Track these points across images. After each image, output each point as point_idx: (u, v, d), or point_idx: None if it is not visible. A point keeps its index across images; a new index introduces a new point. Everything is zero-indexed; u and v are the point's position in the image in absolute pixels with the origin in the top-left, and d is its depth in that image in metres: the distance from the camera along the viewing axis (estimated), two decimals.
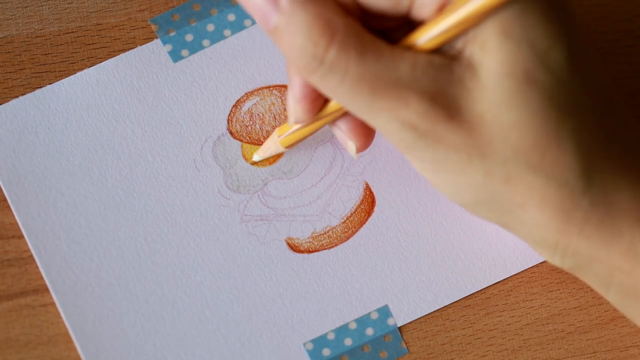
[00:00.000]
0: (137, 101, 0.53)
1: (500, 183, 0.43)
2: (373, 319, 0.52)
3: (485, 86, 0.42)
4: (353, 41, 0.42)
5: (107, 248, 0.52)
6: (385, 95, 0.42)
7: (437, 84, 0.42)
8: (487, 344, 0.52)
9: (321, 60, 0.42)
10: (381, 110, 0.42)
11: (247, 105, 0.54)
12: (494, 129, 0.42)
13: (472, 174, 0.43)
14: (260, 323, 0.52)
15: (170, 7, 0.54)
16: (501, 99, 0.42)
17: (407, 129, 0.42)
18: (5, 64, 0.53)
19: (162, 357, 0.51)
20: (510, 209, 0.44)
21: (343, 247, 0.53)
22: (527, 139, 0.42)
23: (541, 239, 0.44)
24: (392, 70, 0.42)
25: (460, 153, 0.42)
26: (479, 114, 0.42)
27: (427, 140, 0.42)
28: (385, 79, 0.42)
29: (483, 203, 0.44)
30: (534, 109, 0.42)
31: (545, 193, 0.43)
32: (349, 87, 0.42)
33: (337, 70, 0.42)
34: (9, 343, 0.51)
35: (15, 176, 0.52)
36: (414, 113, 0.42)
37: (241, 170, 0.53)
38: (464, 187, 0.44)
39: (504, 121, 0.42)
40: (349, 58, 0.42)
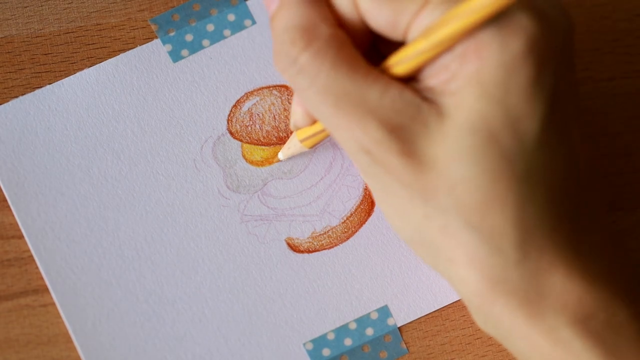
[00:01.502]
0: (137, 101, 0.53)
1: (436, 231, 0.42)
2: (373, 319, 0.52)
3: (448, 135, 0.42)
4: (331, 52, 0.42)
5: (107, 248, 0.52)
6: (347, 113, 0.42)
7: (400, 117, 0.42)
8: (487, 344, 0.52)
9: (294, 60, 0.42)
10: (341, 127, 0.43)
11: (247, 105, 0.54)
12: (442, 177, 0.42)
13: (412, 212, 0.43)
14: (260, 323, 0.52)
15: (170, 7, 0.54)
16: (458, 151, 0.41)
17: (362, 152, 0.42)
18: (5, 64, 0.53)
19: (162, 357, 0.51)
20: (441, 259, 0.43)
21: (343, 247, 0.53)
22: (472, 197, 0.41)
23: (467, 298, 0.43)
24: (361, 91, 0.42)
25: (405, 189, 0.42)
26: (434, 158, 0.42)
27: (378, 168, 0.42)
28: (351, 97, 0.42)
29: (419, 244, 0.44)
30: (487, 168, 0.41)
31: (476, 255, 0.42)
32: (314, 94, 0.43)
33: (307, 75, 0.42)
34: (9, 343, 0.51)
35: (15, 176, 0.52)
36: (369, 139, 0.42)
37: (241, 170, 0.53)
38: (404, 223, 0.44)
39: (454, 172, 0.41)
40: (321, 67, 0.42)
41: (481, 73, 0.41)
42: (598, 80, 0.55)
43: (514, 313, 0.42)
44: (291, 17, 0.43)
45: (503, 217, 0.42)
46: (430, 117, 0.42)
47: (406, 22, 0.42)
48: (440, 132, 0.42)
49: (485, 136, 0.41)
